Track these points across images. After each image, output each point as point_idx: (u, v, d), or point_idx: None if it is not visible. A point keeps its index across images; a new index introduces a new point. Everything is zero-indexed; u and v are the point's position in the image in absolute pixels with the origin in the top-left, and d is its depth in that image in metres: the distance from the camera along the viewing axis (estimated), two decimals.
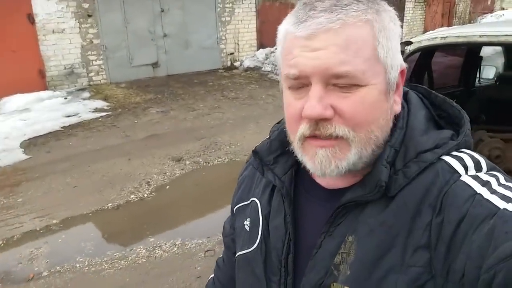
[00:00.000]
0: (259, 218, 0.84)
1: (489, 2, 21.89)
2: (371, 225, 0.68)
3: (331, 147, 0.67)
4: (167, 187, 4.82)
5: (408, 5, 16.84)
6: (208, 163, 5.48)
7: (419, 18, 17.71)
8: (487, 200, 0.61)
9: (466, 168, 0.67)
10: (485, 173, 0.67)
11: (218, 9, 11.83)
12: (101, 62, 9.93)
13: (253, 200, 0.88)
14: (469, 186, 0.64)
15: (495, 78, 4.35)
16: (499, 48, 4.80)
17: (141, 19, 10.33)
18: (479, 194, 0.62)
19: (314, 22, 0.63)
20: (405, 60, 2.82)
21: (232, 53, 12.43)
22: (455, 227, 0.61)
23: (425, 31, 16.96)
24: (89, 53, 9.70)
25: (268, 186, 0.86)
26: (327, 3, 0.64)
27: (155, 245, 3.65)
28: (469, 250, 0.59)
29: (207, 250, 3.53)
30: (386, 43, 0.66)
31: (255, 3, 12.56)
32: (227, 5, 12.01)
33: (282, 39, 0.70)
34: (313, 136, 0.67)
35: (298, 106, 0.67)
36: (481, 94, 4.02)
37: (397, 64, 0.69)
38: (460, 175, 0.66)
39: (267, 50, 12.25)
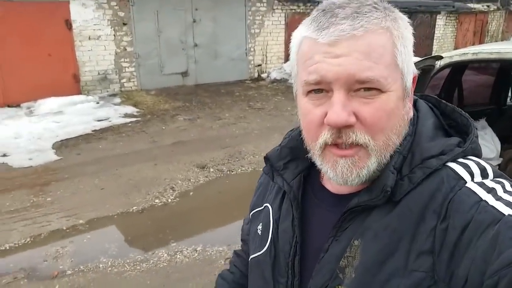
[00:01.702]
0: (270, 222, 0.87)
1: None
2: (375, 229, 0.69)
3: (351, 156, 0.68)
4: (191, 193, 4.88)
5: (439, 22, 16.62)
6: (232, 171, 5.52)
7: (450, 35, 17.42)
8: (492, 206, 0.61)
9: (472, 175, 0.67)
10: (491, 180, 0.67)
11: (248, 21, 11.99)
12: (133, 69, 10.20)
13: (266, 206, 0.91)
14: (475, 193, 0.64)
15: None
16: None
17: (173, 29, 10.57)
18: (484, 200, 0.62)
19: (337, 29, 0.63)
20: (434, 75, 2.78)
21: (259, 65, 12.53)
22: (459, 233, 0.61)
23: (455, 48, 16.66)
24: (122, 60, 9.98)
25: (280, 191, 0.88)
26: (348, 10, 0.65)
27: (176, 250, 3.69)
28: (473, 256, 0.59)
29: (227, 258, 3.55)
30: (404, 50, 0.67)
31: (285, 16, 12.66)
32: (257, 18, 12.16)
33: (297, 45, 0.72)
34: (334, 144, 0.68)
35: (318, 113, 0.67)
36: None
37: (411, 70, 0.70)
38: (466, 182, 0.66)
39: None
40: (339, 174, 0.69)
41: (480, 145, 0.75)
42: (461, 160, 0.70)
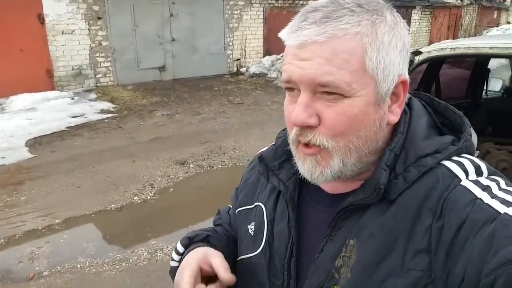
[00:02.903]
0: (264, 223, 0.85)
1: (494, 16, 21.96)
2: (371, 229, 0.69)
3: (314, 155, 0.70)
4: (171, 190, 4.82)
5: (414, 17, 16.89)
6: (212, 167, 5.48)
7: (424, 29, 17.73)
8: (488, 204, 0.61)
9: (466, 173, 0.67)
10: (485, 178, 0.67)
11: (226, 15, 11.90)
12: (108, 64, 9.99)
13: (258, 205, 0.89)
14: (470, 191, 0.64)
15: (502, 91, 4.34)
16: (504, 61, 4.79)
17: (150, 23, 10.40)
18: (480, 198, 0.62)
19: (302, 33, 0.65)
20: (413, 70, 2.82)
21: (238, 59, 12.48)
22: (455, 231, 0.61)
23: (430, 42, 16.98)
24: (97, 54, 9.76)
25: (274, 191, 0.86)
26: (318, 14, 0.65)
27: (156, 247, 3.64)
28: (469, 255, 0.59)
29: None
30: (377, 56, 0.66)
31: (263, 11, 12.63)
32: (235, 12, 12.08)
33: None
34: (300, 141, 0.70)
35: (291, 109, 0.70)
36: (488, 106, 4.01)
37: (392, 76, 0.68)
38: (461, 180, 0.66)
39: (273, 57, 12.30)
40: (306, 171, 0.72)
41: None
42: (455, 158, 0.70)
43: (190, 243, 0.90)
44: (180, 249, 0.90)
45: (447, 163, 0.69)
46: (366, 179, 0.71)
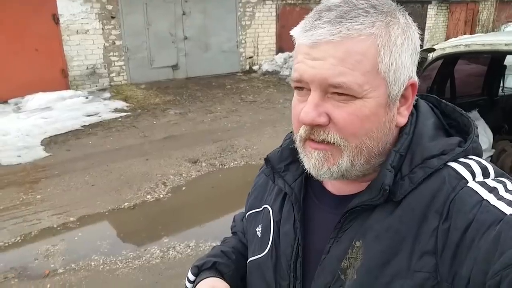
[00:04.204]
0: (270, 224, 0.86)
1: None
2: (377, 230, 0.69)
3: (324, 150, 0.69)
4: (183, 188, 4.84)
5: (431, 12, 16.63)
6: (224, 165, 5.49)
7: (441, 25, 17.45)
8: (494, 206, 0.61)
9: (473, 174, 0.67)
10: (492, 179, 0.67)
11: (239, 13, 11.89)
12: (122, 63, 10.07)
13: (265, 207, 0.90)
14: (476, 192, 0.64)
15: None
16: None
17: (163, 22, 10.45)
18: (486, 200, 0.62)
19: (316, 32, 0.64)
20: (426, 67, 2.76)
21: (251, 57, 12.46)
22: (461, 233, 0.61)
23: (447, 38, 16.72)
24: (111, 54, 9.85)
25: (280, 193, 0.88)
26: (333, 14, 0.64)
27: (169, 246, 3.66)
28: (475, 256, 0.59)
29: None
30: (389, 58, 0.66)
31: (276, 8, 12.58)
32: (248, 9, 12.06)
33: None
34: (310, 139, 0.70)
35: (299, 108, 0.69)
36: (504, 104, 3.93)
37: (403, 78, 0.68)
38: (467, 182, 0.66)
39: (286, 54, 12.24)
40: (311, 166, 0.71)
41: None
42: (462, 159, 0.70)
43: (199, 271, 0.94)
44: (191, 277, 0.95)
45: (454, 164, 0.69)
46: (372, 180, 0.71)
